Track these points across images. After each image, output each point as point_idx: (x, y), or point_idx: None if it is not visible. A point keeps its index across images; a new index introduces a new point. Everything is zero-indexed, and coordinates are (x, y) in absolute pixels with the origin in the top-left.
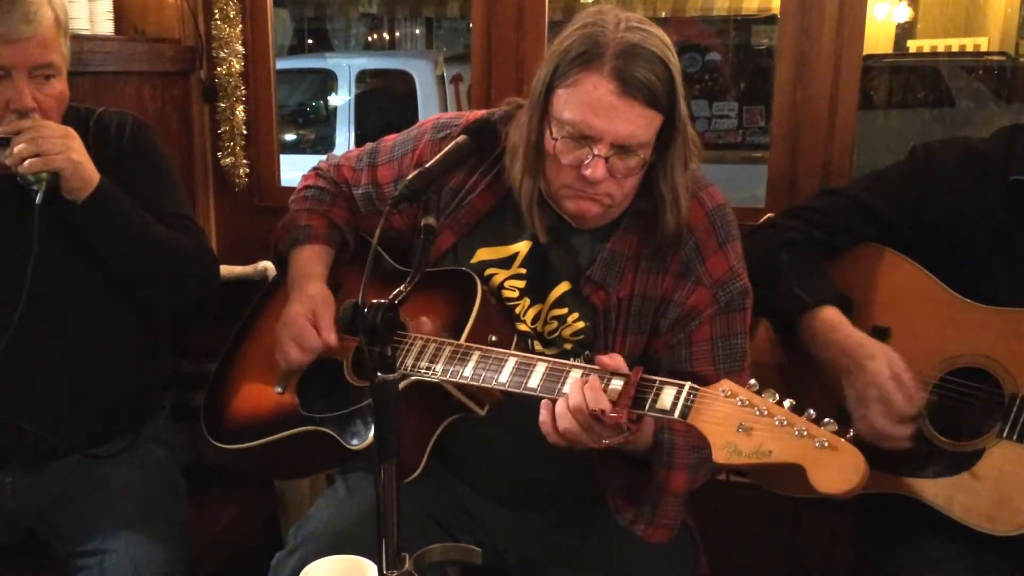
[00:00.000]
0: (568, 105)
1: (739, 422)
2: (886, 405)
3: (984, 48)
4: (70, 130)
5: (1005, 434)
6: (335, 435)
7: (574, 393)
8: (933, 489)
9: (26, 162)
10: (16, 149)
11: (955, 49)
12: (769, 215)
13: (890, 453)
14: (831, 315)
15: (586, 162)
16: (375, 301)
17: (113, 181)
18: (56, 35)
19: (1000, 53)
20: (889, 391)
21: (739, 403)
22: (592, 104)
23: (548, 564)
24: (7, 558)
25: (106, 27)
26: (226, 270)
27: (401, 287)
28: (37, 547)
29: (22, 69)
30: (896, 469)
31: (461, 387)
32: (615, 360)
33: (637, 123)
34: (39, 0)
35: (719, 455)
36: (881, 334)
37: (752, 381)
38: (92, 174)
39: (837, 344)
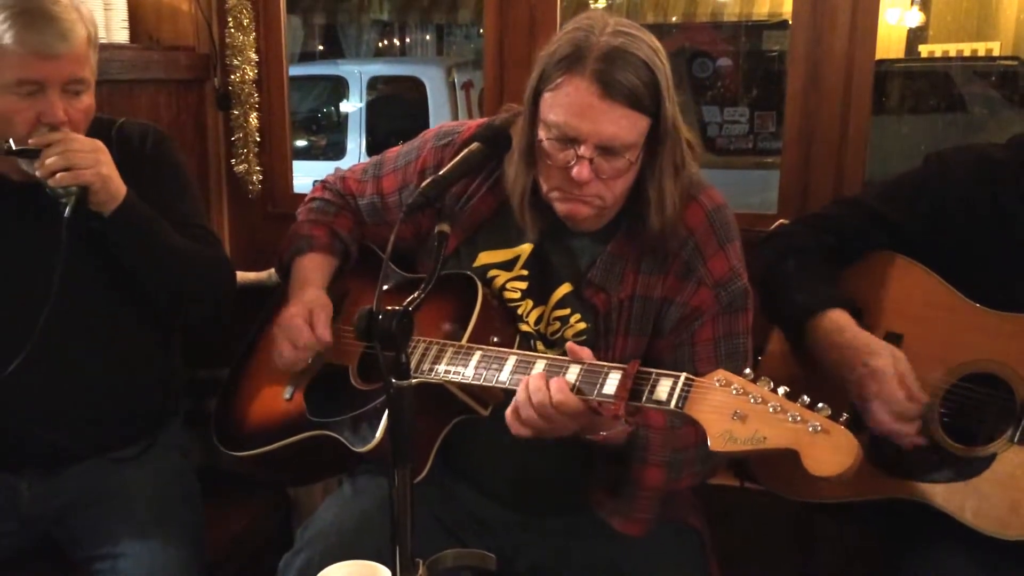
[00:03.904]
0: (553, 108)
1: (734, 410)
2: (889, 403)
3: (996, 53)
4: (100, 144)
5: (1017, 439)
6: (341, 439)
7: (533, 381)
8: (945, 494)
9: (56, 175)
10: (47, 162)
11: (967, 54)
12: (781, 221)
13: (902, 458)
14: (839, 317)
15: (572, 163)
16: (390, 308)
17: (134, 191)
18: (88, 51)
19: (1012, 58)
20: (892, 389)
21: (734, 391)
22: (575, 106)
23: (557, 569)
24: (24, 563)
25: (121, 35)
26: (240, 276)
27: (415, 294)
28: (53, 552)
29: (55, 84)
30: (908, 474)
31: (464, 388)
32: (571, 349)
33: (620, 124)
34: (74, 17)
35: (715, 443)
36: (894, 341)
37: (747, 370)
38: (119, 187)
39: (843, 344)
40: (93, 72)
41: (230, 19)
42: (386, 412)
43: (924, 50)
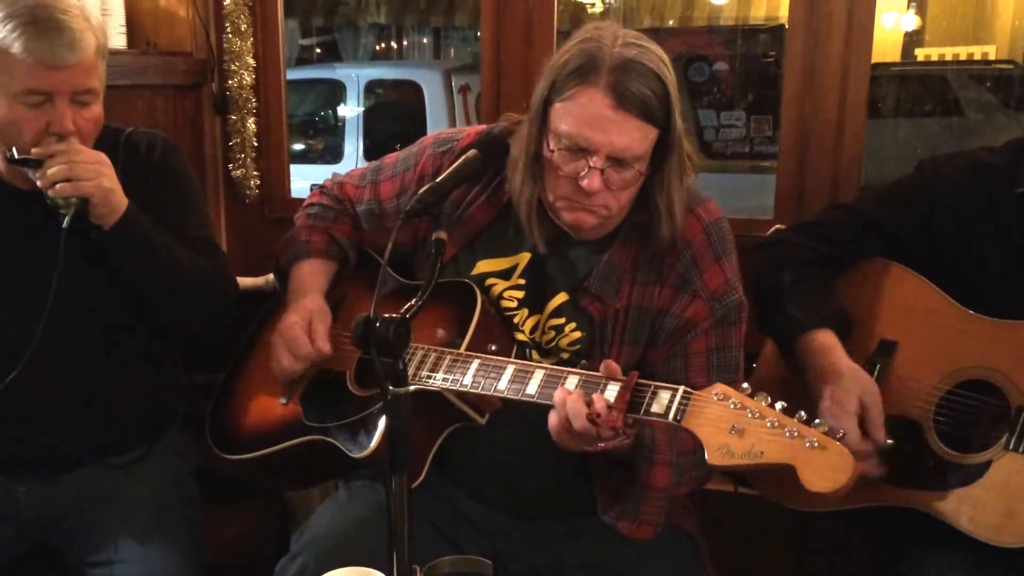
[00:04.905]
0: (565, 118)
1: (732, 424)
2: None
3: (992, 56)
4: (103, 156)
5: (1012, 446)
6: (338, 444)
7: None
8: (940, 501)
9: (57, 186)
10: (49, 172)
11: (963, 57)
12: (777, 226)
13: (898, 466)
14: (824, 340)
15: (582, 174)
16: (387, 315)
17: (139, 200)
18: (97, 61)
19: (1008, 62)
20: (845, 425)
21: (731, 406)
22: (588, 117)
23: (552, 574)
24: (22, 567)
25: (119, 41)
26: (238, 281)
27: (412, 301)
28: (52, 556)
29: (64, 94)
30: (903, 482)
31: (461, 396)
32: (608, 367)
33: (632, 136)
34: (83, 27)
35: (713, 457)
36: (888, 348)
37: (745, 385)
38: (120, 201)
39: (820, 369)
40: (102, 81)
41: (227, 24)
42: (383, 418)
43: (920, 54)
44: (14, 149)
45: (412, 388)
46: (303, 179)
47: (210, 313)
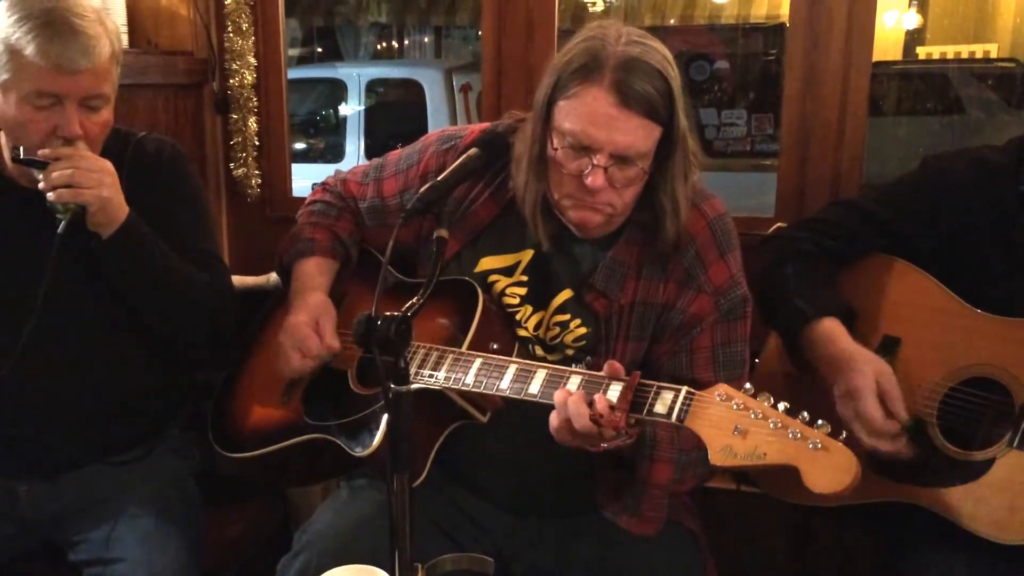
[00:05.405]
0: (569, 116)
1: (735, 425)
2: (863, 422)
3: (994, 54)
4: (107, 165)
5: (1015, 443)
6: (340, 443)
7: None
8: (944, 498)
9: (57, 190)
10: (51, 176)
11: (964, 56)
12: (778, 224)
13: (900, 462)
14: (830, 327)
15: (586, 172)
16: (388, 313)
17: (144, 207)
18: (110, 67)
19: (1010, 60)
20: (867, 408)
21: (734, 406)
22: (592, 115)
23: (555, 573)
24: (23, 566)
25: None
26: (239, 280)
27: (414, 299)
28: (53, 555)
29: (74, 98)
30: (907, 478)
31: (463, 394)
32: (612, 367)
33: (636, 134)
34: (99, 32)
35: (715, 458)
36: (892, 344)
37: (748, 385)
38: (119, 211)
39: (831, 356)
40: (114, 87)
41: (229, 23)
42: (385, 417)
43: (922, 52)
44: (21, 149)
45: (414, 387)
46: (304, 178)
47: (204, 327)
